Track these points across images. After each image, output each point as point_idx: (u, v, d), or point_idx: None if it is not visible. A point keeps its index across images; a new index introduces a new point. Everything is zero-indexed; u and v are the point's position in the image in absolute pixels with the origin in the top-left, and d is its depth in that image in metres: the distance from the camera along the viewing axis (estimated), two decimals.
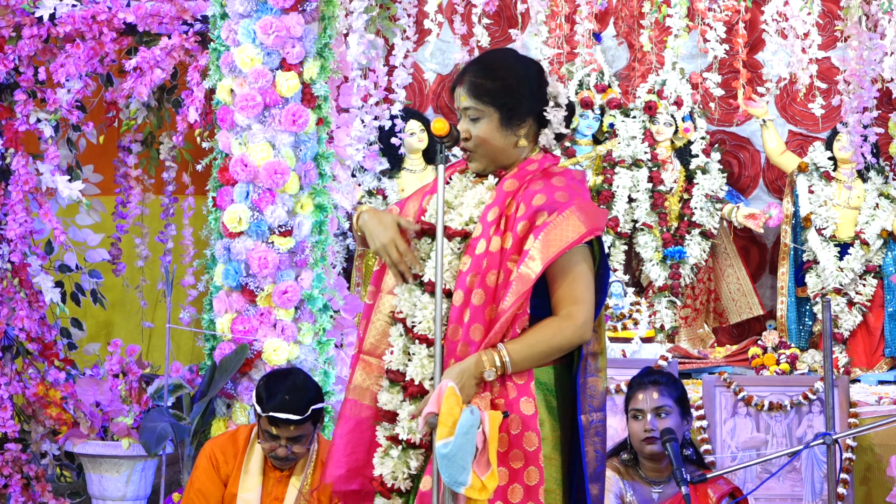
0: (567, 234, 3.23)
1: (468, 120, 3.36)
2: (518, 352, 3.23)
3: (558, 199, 3.27)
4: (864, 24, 5.75)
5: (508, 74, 3.39)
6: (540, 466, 3.23)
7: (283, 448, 4.43)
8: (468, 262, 3.27)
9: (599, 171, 7.21)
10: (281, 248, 5.48)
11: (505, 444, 3.21)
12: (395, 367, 3.33)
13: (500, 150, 3.37)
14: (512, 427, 3.23)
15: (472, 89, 3.36)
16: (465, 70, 3.42)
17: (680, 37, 5.99)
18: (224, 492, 4.57)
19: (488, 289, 3.25)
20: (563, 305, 3.27)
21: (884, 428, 5.23)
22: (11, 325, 5.82)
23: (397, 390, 3.33)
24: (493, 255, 3.25)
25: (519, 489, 3.23)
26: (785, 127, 7.46)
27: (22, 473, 5.80)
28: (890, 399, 6.26)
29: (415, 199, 3.52)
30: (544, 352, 3.26)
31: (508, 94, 3.36)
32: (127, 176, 6.42)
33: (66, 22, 5.77)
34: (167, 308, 5.50)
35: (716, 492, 4.40)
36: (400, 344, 3.34)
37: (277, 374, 4.64)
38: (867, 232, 7.05)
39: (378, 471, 3.32)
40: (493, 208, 3.31)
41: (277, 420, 4.39)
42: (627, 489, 4.47)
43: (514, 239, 3.25)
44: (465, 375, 3.20)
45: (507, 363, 3.22)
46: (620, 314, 6.67)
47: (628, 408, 4.52)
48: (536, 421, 3.24)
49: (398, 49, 5.93)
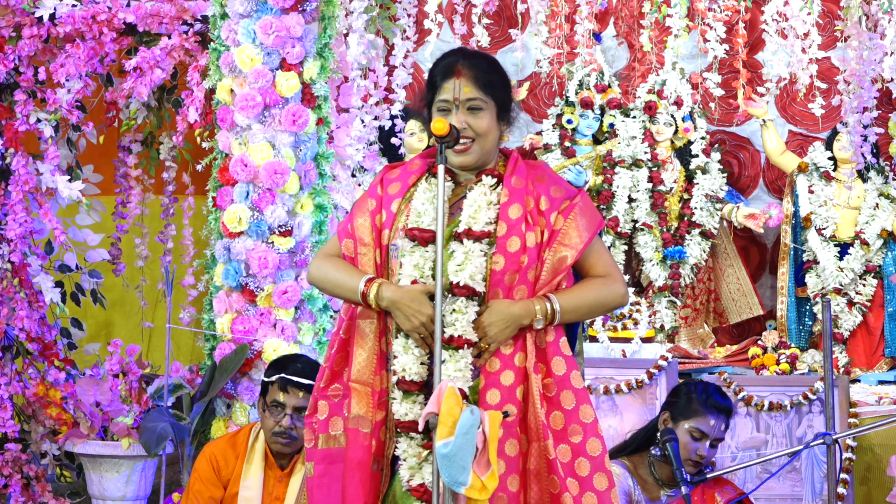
0: (595, 214, 3.39)
1: (467, 111, 3.37)
2: (567, 302, 3.31)
3: (568, 186, 3.42)
4: (864, 24, 5.75)
5: (503, 72, 3.47)
6: (601, 436, 3.31)
7: (287, 418, 4.46)
8: (501, 262, 3.30)
9: (599, 171, 7.21)
10: (281, 248, 5.48)
11: (560, 422, 3.27)
12: (411, 378, 3.31)
13: (493, 144, 3.42)
14: (565, 402, 3.28)
15: (477, 80, 3.38)
16: (455, 63, 3.40)
17: (680, 37, 6.00)
18: (224, 494, 4.58)
19: (529, 283, 3.32)
20: (597, 272, 3.40)
21: (884, 428, 5.23)
22: (11, 325, 5.82)
23: (413, 399, 3.31)
24: (532, 250, 3.31)
25: (585, 462, 3.28)
26: (785, 127, 7.45)
27: (22, 473, 5.80)
28: (890, 399, 6.26)
29: (362, 215, 3.45)
30: (591, 306, 3.37)
31: (505, 90, 3.44)
32: (127, 176, 6.43)
33: (66, 22, 5.77)
34: (167, 308, 5.50)
35: (723, 496, 4.40)
36: (415, 354, 3.32)
37: (287, 354, 4.86)
38: (867, 232, 7.05)
39: (416, 480, 3.29)
40: (513, 205, 3.34)
41: (288, 383, 4.46)
42: (636, 487, 4.46)
43: (550, 231, 3.34)
44: (511, 320, 3.27)
45: (557, 312, 3.29)
46: (620, 314, 6.67)
47: (689, 418, 4.46)
48: (587, 394, 3.33)
49: (398, 49, 5.93)
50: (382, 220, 3.42)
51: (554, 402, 3.29)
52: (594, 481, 3.28)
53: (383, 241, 3.41)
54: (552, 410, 3.29)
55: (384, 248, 3.41)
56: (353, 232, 3.44)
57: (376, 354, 3.38)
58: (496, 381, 3.27)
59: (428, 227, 3.35)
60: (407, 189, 3.45)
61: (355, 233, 3.43)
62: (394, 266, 3.38)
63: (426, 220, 3.36)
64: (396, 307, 3.30)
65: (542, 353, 3.32)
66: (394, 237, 3.40)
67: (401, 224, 3.40)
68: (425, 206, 3.37)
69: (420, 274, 3.32)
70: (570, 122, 7.25)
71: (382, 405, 3.36)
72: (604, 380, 6.10)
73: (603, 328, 6.51)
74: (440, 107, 3.39)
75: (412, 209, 3.40)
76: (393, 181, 3.48)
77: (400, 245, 3.39)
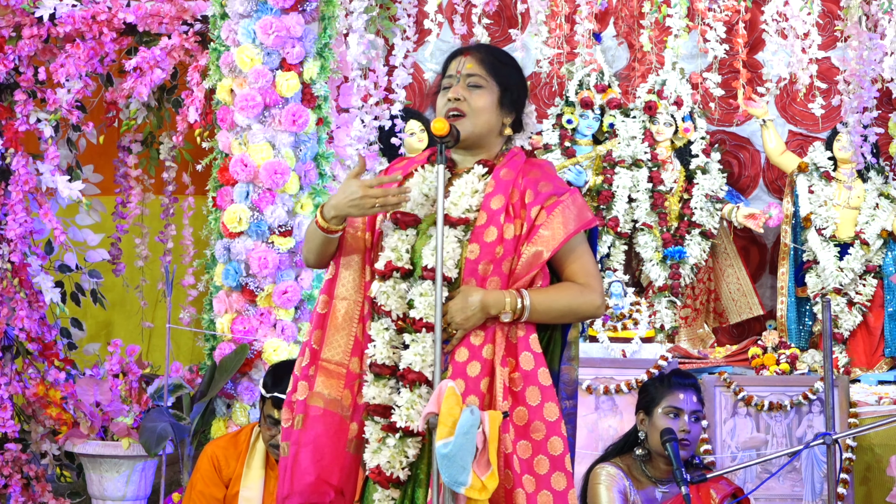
0: (584, 213, 3.35)
1: (466, 86, 3.39)
2: (540, 302, 3.28)
3: (563, 185, 3.39)
4: (864, 24, 5.75)
5: (516, 65, 3.49)
6: (563, 436, 3.28)
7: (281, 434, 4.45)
8: (476, 250, 3.29)
9: (599, 171, 7.21)
10: (281, 248, 5.48)
11: (524, 418, 3.25)
12: (382, 361, 3.32)
13: (487, 128, 3.41)
14: (530, 398, 3.26)
15: (482, 60, 3.41)
16: (472, 46, 3.48)
17: (680, 37, 6.00)
18: (225, 493, 4.58)
19: (503, 275, 3.30)
20: (577, 279, 3.36)
21: (884, 428, 5.23)
22: (11, 325, 5.82)
23: (383, 383, 3.32)
24: (509, 241, 3.30)
25: (544, 460, 3.26)
26: (785, 127, 7.45)
27: (22, 473, 5.80)
28: (890, 399, 6.26)
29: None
30: (562, 311, 3.33)
31: (511, 80, 3.44)
32: (127, 176, 6.43)
33: (66, 22, 5.77)
34: (167, 308, 5.50)
35: (718, 492, 4.40)
36: (385, 337, 3.33)
37: (286, 363, 4.72)
38: (867, 232, 7.05)
39: (374, 462, 3.30)
40: (496, 196, 3.34)
41: (282, 402, 4.42)
42: (631, 487, 4.47)
43: (530, 224, 3.31)
44: (478, 307, 3.25)
45: (527, 308, 3.26)
46: (620, 314, 6.67)
47: (660, 404, 4.49)
48: (554, 392, 3.29)
49: (398, 49, 5.93)
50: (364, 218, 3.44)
51: (519, 398, 3.26)
52: (552, 480, 3.25)
53: (377, 225, 3.43)
54: (516, 406, 3.26)
55: (377, 233, 3.43)
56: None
57: (353, 337, 3.38)
58: (462, 372, 3.26)
59: (411, 210, 3.37)
60: (406, 177, 3.46)
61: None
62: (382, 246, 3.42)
63: (411, 204, 3.38)
64: (340, 208, 3.31)
65: (513, 348, 3.30)
66: (385, 220, 3.43)
67: None
68: (414, 192, 3.39)
69: (397, 256, 3.34)
70: (570, 122, 7.25)
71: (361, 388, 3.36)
72: (604, 380, 6.10)
73: (603, 328, 6.51)
74: (444, 85, 3.41)
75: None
76: (396, 170, 3.50)
77: (384, 228, 3.40)
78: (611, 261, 7.11)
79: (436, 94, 3.47)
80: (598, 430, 6.04)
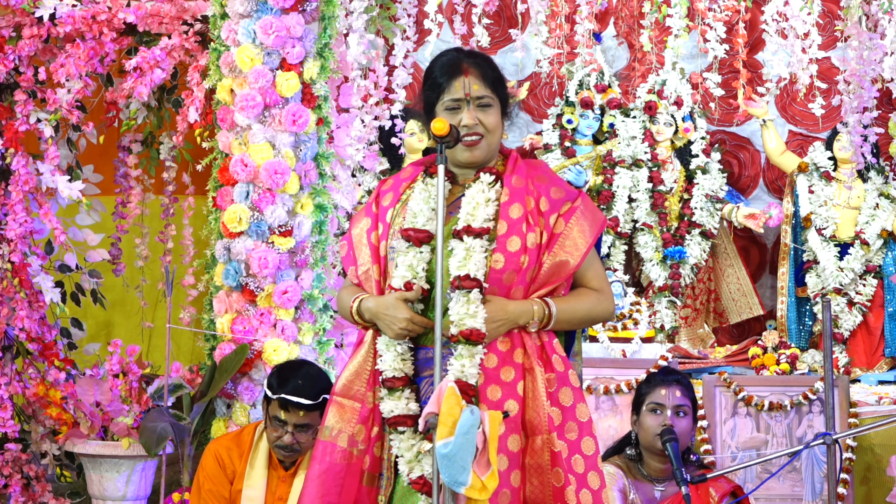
0: (597, 217, 3.41)
1: (477, 108, 3.38)
2: (563, 311, 3.34)
3: (569, 187, 3.43)
4: (864, 24, 5.75)
5: (500, 70, 3.50)
6: (594, 436, 3.34)
7: (289, 435, 4.45)
8: (501, 260, 3.30)
9: (599, 171, 7.21)
10: (281, 248, 5.47)
11: (558, 418, 3.28)
12: (392, 374, 3.33)
13: (499, 141, 3.44)
14: (563, 399, 3.30)
15: (485, 78, 3.41)
16: (459, 61, 3.42)
17: (680, 37, 5.99)
18: (230, 489, 4.59)
19: (526, 284, 3.32)
20: (592, 285, 3.42)
21: (884, 428, 5.23)
22: (11, 325, 5.82)
23: (398, 395, 3.32)
24: (532, 250, 3.32)
25: (580, 460, 3.30)
26: (785, 127, 7.46)
27: (22, 473, 5.80)
28: (890, 399, 6.26)
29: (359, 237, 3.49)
30: (582, 318, 3.40)
31: (504, 88, 3.47)
32: (127, 176, 6.43)
33: (66, 22, 5.77)
34: (167, 308, 5.50)
35: (717, 490, 4.41)
36: (394, 351, 3.34)
37: (291, 363, 4.76)
38: (867, 232, 7.05)
39: (416, 473, 3.29)
40: (513, 205, 3.35)
41: (288, 403, 4.43)
42: (631, 486, 4.47)
43: (549, 233, 3.33)
44: (507, 317, 3.27)
45: (553, 317, 3.31)
46: (620, 314, 6.67)
47: (645, 401, 4.51)
48: (583, 393, 3.36)
49: (398, 49, 5.93)
50: (379, 235, 3.44)
51: (553, 398, 3.30)
52: (588, 479, 3.30)
53: (381, 253, 3.42)
54: (552, 405, 3.30)
55: (383, 260, 3.41)
56: (355, 258, 3.47)
57: (370, 369, 3.39)
58: (496, 378, 3.28)
59: (423, 227, 3.35)
60: (399, 196, 3.45)
61: (357, 259, 3.46)
62: (390, 269, 3.38)
63: (421, 220, 3.36)
64: (376, 318, 3.34)
65: (542, 350, 3.33)
66: (390, 242, 3.40)
67: (397, 227, 3.41)
68: (421, 207, 3.38)
69: (413, 274, 3.32)
70: (570, 122, 7.25)
71: (378, 420, 3.36)
72: (604, 380, 6.10)
73: (603, 328, 6.52)
74: (449, 106, 3.38)
75: (408, 210, 3.40)
76: (386, 192, 3.49)
77: (395, 246, 3.39)
78: (611, 261, 7.12)
79: (425, 105, 3.44)
80: (599, 430, 6.04)
